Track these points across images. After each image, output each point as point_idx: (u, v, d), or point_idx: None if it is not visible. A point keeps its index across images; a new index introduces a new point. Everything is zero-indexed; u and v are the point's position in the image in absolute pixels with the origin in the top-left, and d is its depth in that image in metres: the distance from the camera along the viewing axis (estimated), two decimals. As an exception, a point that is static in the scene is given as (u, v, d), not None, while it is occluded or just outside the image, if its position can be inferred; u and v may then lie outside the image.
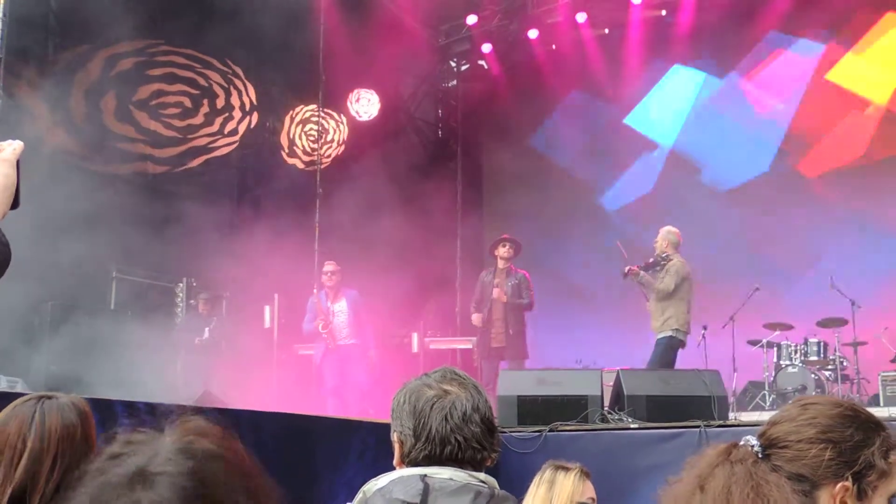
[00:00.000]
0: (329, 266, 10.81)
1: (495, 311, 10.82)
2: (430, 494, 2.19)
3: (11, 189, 1.81)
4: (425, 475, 2.25)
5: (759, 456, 1.84)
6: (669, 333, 9.72)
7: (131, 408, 4.99)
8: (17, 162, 2.03)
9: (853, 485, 1.85)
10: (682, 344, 9.81)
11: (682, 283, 9.76)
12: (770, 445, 1.88)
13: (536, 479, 4.12)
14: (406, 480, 2.25)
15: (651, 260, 9.93)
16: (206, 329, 11.28)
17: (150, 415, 4.97)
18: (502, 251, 10.93)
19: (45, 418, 2.37)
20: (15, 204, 1.82)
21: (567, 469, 4.10)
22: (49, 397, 2.47)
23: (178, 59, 12.37)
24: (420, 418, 2.31)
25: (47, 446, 2.32)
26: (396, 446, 2.39)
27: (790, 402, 2.04)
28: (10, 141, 1.83)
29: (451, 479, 2.25)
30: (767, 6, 13.39)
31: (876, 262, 12.08)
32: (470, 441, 2.31)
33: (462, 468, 2.30)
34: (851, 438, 1.88)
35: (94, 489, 0.97)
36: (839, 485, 1.84)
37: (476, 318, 10.94)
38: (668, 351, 9.73)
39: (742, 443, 1.85)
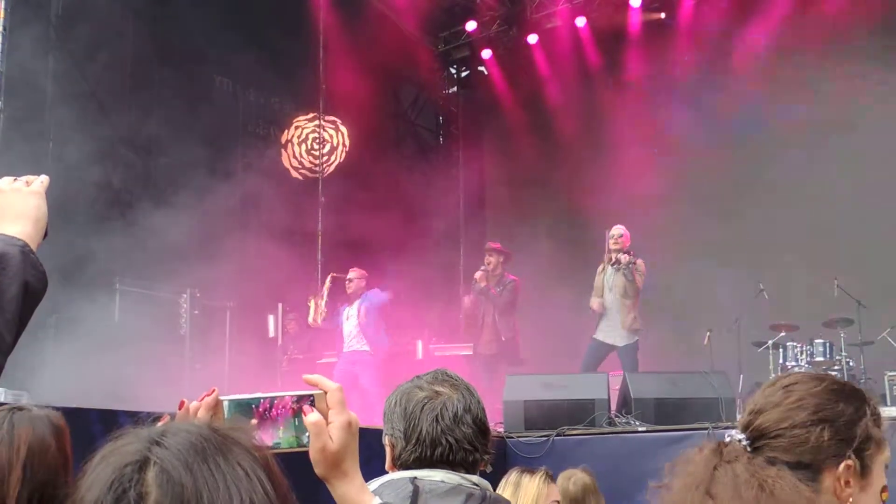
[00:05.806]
0: (350, 273, 10.74)
1: (486, 317, 10.74)
2: (420, 497, 2.15)
3: (44, 221, 1.91)
4: (415, 477, 2.21)
5: (749, 450, 1.75)
6: (636, 337, 9.94)
7: (136, 417, 4.95)
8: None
9: (855, 461, 1.77)
10: None
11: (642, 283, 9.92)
12: (760, 436, 1.77)
13: (502, 483, 4.11)
14: (395, 483, 2.21)
15: (630, 256, 9.86)
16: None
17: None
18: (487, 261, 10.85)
19: (14, 427, 2.28)
20: (45, 234, 1.92)
21: (532, 472, 4.10)
22: (21, 409, 2.40)
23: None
24: (411, 420, 2.28)
25: (16, 456, 2.23)
26: (388, 449, 2.35)
27: (765, 384, 1.90)
28: (35, 176, 1.95)
29: (442, 480, 2.21)
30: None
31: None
32: (461, 442, 2.27)
33: (454, 470, 2.26)
34: (844, 413, 1.79)
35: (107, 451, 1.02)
36: (842, 465, 1.75)
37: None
38: (636, 355, 9.91)
39: (727, 439, 1.75)
